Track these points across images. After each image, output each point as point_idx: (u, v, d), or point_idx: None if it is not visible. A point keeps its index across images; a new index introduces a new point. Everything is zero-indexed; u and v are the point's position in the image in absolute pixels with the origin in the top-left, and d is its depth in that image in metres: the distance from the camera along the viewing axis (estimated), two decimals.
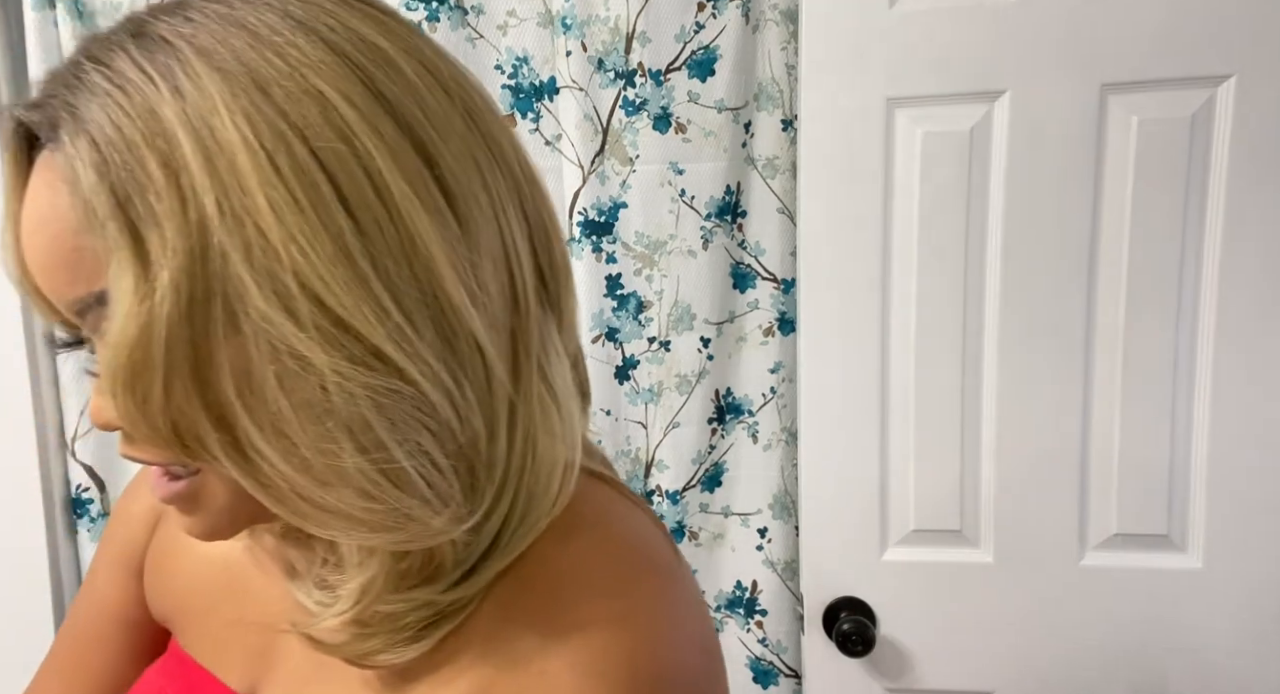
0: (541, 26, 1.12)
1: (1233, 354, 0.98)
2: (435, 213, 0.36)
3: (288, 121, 0.34)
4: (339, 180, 0.34)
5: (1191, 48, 0.95)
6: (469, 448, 0.39)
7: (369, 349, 0.34)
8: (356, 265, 0.34)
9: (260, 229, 0.33)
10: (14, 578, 1.16)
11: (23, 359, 1.14)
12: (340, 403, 0.34)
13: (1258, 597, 1.01)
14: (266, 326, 0.33)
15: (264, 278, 0.33)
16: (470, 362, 0.38)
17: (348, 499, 0.36)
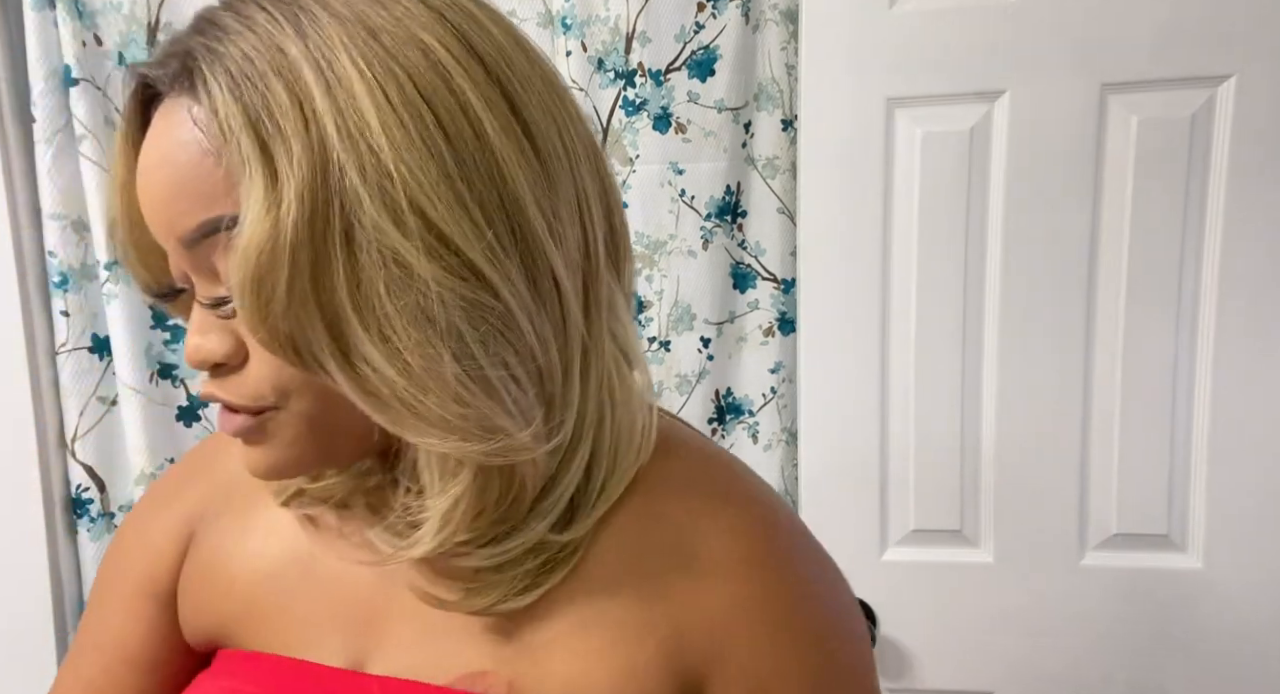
0: (541, 26, 1.12)
1: (1233, 354, 0.98)
2: (520, 152, 0.40)
3: (395, 62, 0.38)
4: (439, 113, 0.38)
5: (1191, 48, 0.95)
6: (546, 377, 0.42)
7: (465, 263, 0.38)
8: (456, 187, 0.38)
9: (373, 149, 0.37)
10: (14, 578, 1.16)
11: (23, 360, 1.14)
12: (439, 311, 0.37)
13: (1258, 597, 1.01)
14: (378, 235, 0.37)
15: (376, 192, 0.36)
16: (549, 295, 0.41)
17: (444, 404, 0.38)
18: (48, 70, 1.09)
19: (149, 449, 1.15)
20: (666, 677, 0.44)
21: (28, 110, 1.11)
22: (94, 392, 1.17)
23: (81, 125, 1.09)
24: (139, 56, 1.12)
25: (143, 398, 1.14)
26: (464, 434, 0.39)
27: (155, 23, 1.12)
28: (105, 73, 1.12)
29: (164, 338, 1.18)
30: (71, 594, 1.20)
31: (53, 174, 1.11)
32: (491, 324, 0.39)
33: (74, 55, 1.08)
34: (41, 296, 1.16)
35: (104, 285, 1.12)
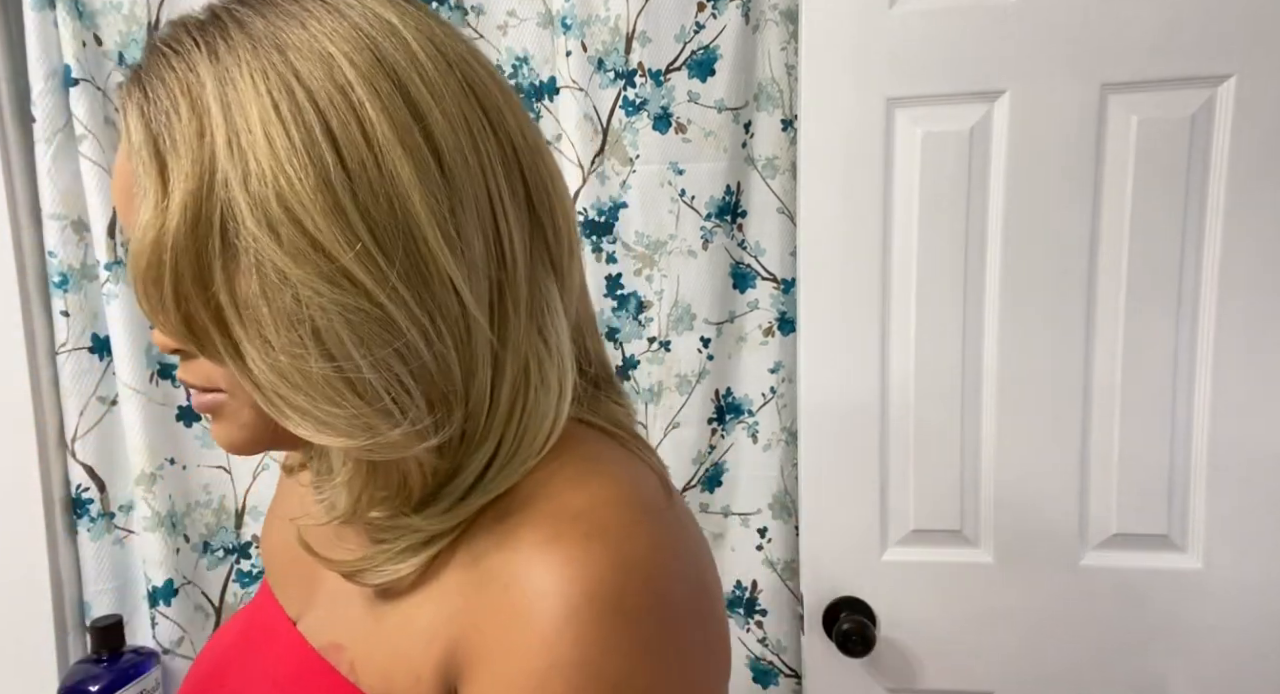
0: (541, 26, 1.12)
1: (1233, 354, 0.98)
2: (419, 161, 0.42)
3: (296, 76, 0.40)
4: (331, 124, 0.40)
5: (1191, 48, 0.95)
6: (441, 378, 0.44)
7: (339, 269, 0.40)
8: (336, 196, 0.40)
9: (258, 160, 0.39)
10: (14, 578, 1.16)
11: (23, 360, 1.14)
12: (312, 314, 0.40)
13: (1258, 597, 1.01)
14: (254, 242, 0.40)
15: (256, 202, 0.39)
16: (444, 299, 0.43)
17: (314, 402, 0.41)
18: (48, 70, 1.09)
19: (149, 449, 1.15)
20: (438, 687, 0.44)
21: (28, 110, 1.11)
22: (94, 392, 1.17)
23: (81, 125, 1.09)
24: (139, 56, 1.12)
25: (143, 398, 1.14)
26: (336, 430, 0.42)
27: (155, 23, 1.12)
28: (105, 73, 1.12)
29: None
30: (71, 594, 1.20)
31: (53, 174, 1.11)
32: (370, 328, 0.41)
33: (74, 55, 1.08)
34: (41, 297, 1.16)
35: (104, 285, 1.12)
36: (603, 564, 0.41)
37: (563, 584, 0.40)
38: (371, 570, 0.47)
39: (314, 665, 0.50)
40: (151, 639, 1.18)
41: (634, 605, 0.40)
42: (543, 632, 0.39)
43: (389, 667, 0.46)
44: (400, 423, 0.42)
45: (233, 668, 0.56)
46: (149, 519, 1.15)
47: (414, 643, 0.45)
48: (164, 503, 1.16)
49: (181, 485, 1.20)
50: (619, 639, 0.40)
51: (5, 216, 1.12)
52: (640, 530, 0.43)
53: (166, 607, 1.17)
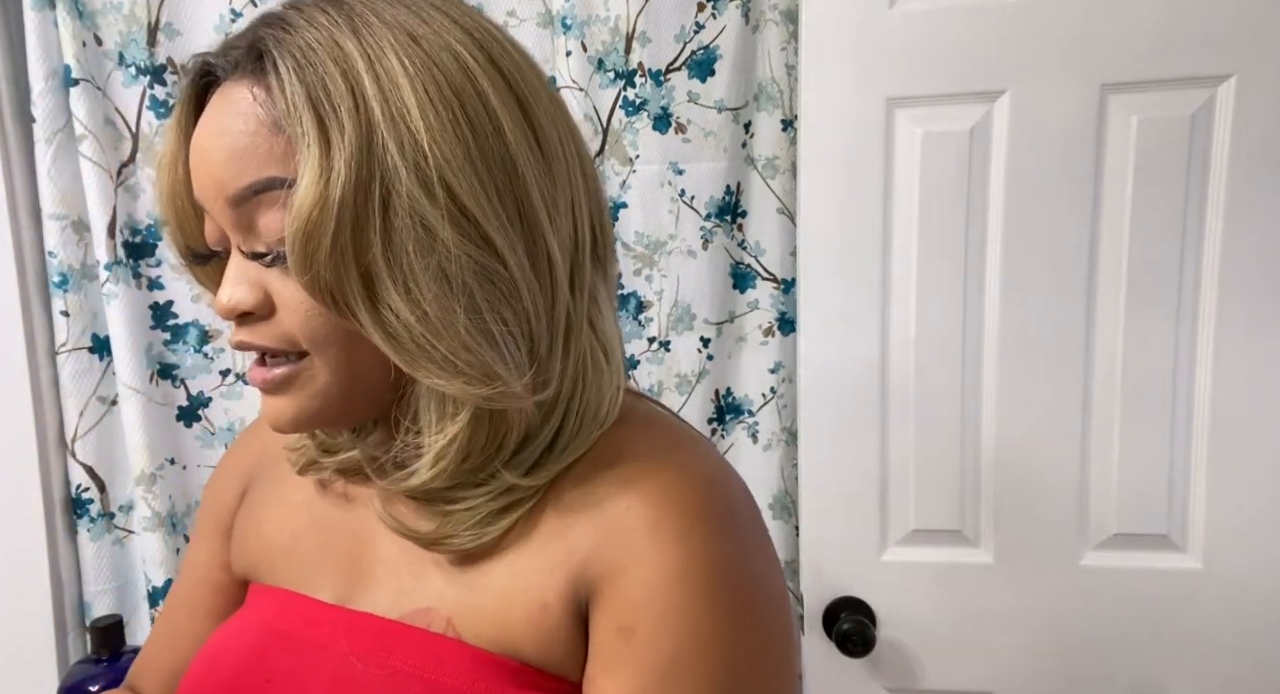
0: (541, 26, 1.12)
1: (1233, 354, 0.98)
2: (529, 148, 0.48)
3: (433, 63, 0.46)
4: (466, 108, 0.46)
5: (1191, 48, 0.95)
6: (537, 340, 0.49)
7: (481, 233, 0.45)
8: (477, 169, 0.45)
9: (412, 131, 0.44)
10: (14, 578, 1.16)
11: (23, 360, 1.14)
12: (455, 271, 0.45)
13: (1258, 597, 1.01)
14: (411, 203, 0.44)
15: (412, 166, 0.44)
16: (544, 271, 0.48)
17: (454, 349, 0.45)
18: (48, 70, 1.09)
19: (149, 449, 1.15)
20: (569, 610, 0.48)
21: (28, 110, 1.11)
22: (94, 392, 1.17)
23: (81, 125, 1.09)
24: (139, 56, 1.12)
25: (143, 398, 1.14)
26: (468, 378, 0.46)
27: (155, 23, 1.12)
28: (105, 73, 1.12)
29: (164, 338, 1.18)
30: (71, 594, 1.20)
31: (53, 174, 1.11)
32: (497, 287, 0.46)
33: (74, 55, 1.08)
34: (41, 297, 1.16)
35: (104, 285, 1.12)
36: (707, 485, 0.49)
37: (683, 496, 0.48)
38: (454, 537, 0.50)
39: (400, 632, 0.52)
40: None
41: (732, 509, 0.50)
42: (676, 536, 0.47)
43: (500, 611, 0.49)
44: (521, 375, 0.47)
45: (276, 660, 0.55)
46: (149, 519, 1.15)
47: (529, 581, 0.49)
48: (164, 503, 1.16)
49: (181, 485, 1.20)
50: (736, 534, 0.49)
51: (5, 216, 1.12)
52: (719, 462, 0.53)
53: None
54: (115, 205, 1.12)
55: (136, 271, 1.16)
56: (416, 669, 0.50)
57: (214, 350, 1.19)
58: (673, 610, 0.46)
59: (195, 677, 0.57)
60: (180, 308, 1.18)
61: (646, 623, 0.46)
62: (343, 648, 0.53)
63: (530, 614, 0.49)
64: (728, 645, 0.47)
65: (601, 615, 0.47)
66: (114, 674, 1.10)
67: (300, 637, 0.56)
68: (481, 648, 0.49)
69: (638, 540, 0.47)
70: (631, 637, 0.46)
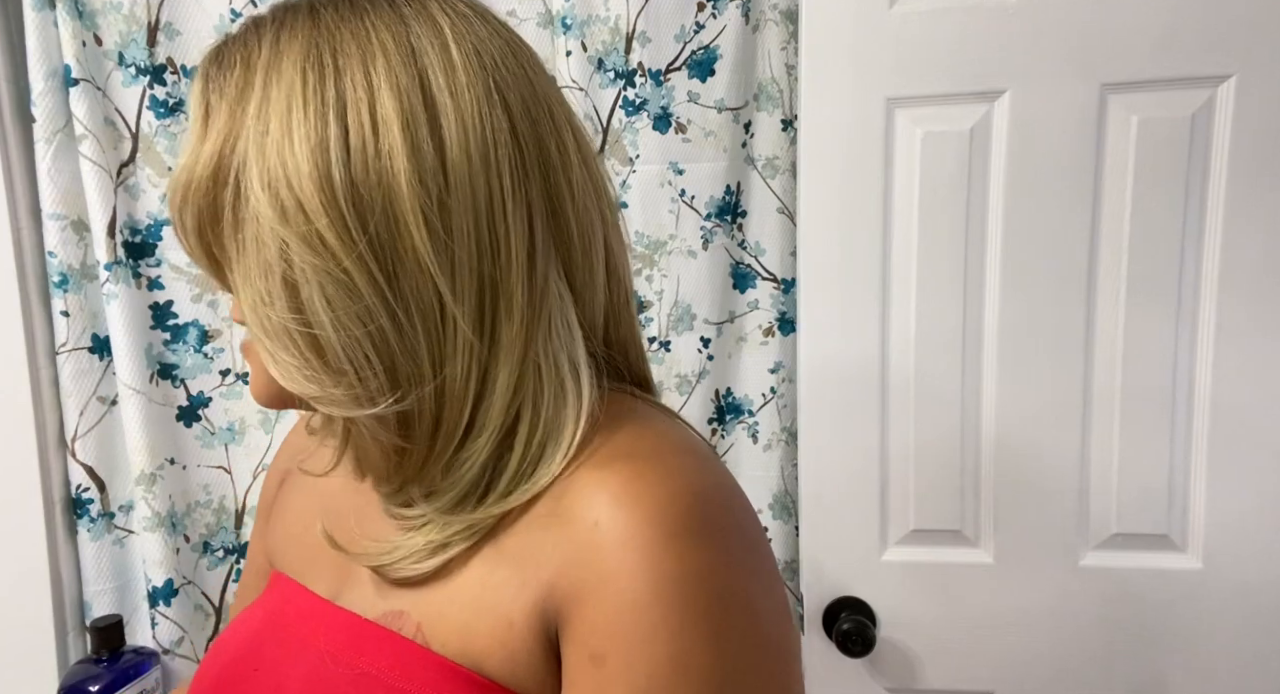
0: (541, 26, 1.12)
1: (1232, 354, 0.98)
2: (416, 147, 0.45)
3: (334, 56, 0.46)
4: (346, 100, 0.45)
5: (1191, 48, 0.95)
6: (406, 358, 0.47)
7: (314, 231, 0.45)
8: (329, 165, 0.44)
9: (271, 125, 0.45)
10: (14, 578, 1.16)
11: (23, 360, 1.14)
12: (287, 269, 0.45)
13: (1258, 597, 1.01)
14: (252, 196, 0.45)
15: (264, 164, 0.45)
16: (417, 282, 0.46)
17: (275, 347, 0.47)
18: (48, 70, 1.09)
19: (149, 449, 1.15)
20: (535, 632, 0.47)
21: (28, 110, 1.11)
22: (94, 392, 1.17)
23: (81, 125, 1.09)
24: (139, 56, 1.12)
25: (143, 398, 1.14)
26: (288, 377, 0.47)
27: (155, 23, 1.12)
28: (105, 73, 1.12)
29: (164, 338, 1.18)
30: (71, 594, 1.20)
31: (53, 174, 1.11)
32: (336, 292, 0.45)
33: (74, 55, 1.08)
34: (41, 296, 1.16)
35: (104, 285, 1.12)
36: (683, 495, 0.45)
37: (654, 514, 0.44)
38: (393, 566, 0.50)
39: (372, 633, 0.52)
40: (151, 639, 1.18)
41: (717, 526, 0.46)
42: (647, 553, 0.43)
43: (467, 622, 0.48)
44: (353, 386, 0.47)
45: (265, 651, 0.56)
46: (149, 519, 1.15)
47: (498, 595, 0.47)
48: (164, 503, 1.16)
49: (181, 485, 1.20)
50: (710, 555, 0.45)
51: (5, 216, 1.12)
52: (705, 467, 0.48)
53: (166, 607, 1.17)
54: (115, 205, 1.12)
55: (136, 272, 1.16)
56: (381, 673, 0.49)
57: (214, 350, 1.19)
58: (646, 634, 0.43)
59: (207, 658, 0.60)
60: (180, 308, 1.18)
61: (618, 649, 0.43)
62: (320, 645, 0.54)
63: (496, 630, 0.47)
64: (709, 669, 0.43)
65: (572, 643, 0.45)
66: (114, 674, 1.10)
67: (290, 629, 0.57)
68: (447, 658, 0.48)
69: (605, 559, 0.44)
70: (604, 664, 0.43)
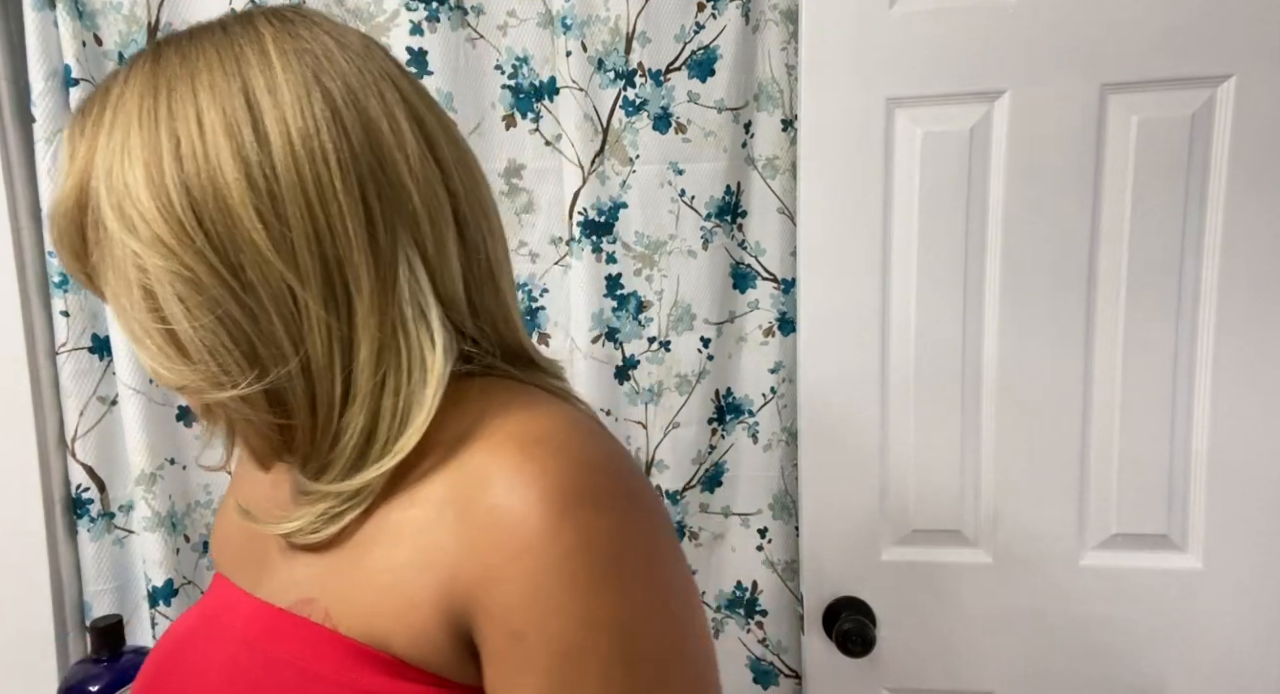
0: (541, 26, 1.12)
1: (1233, 353, 0.98)
2: (240, 144, 0.49)
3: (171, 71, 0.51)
4: (174, 108, 0.49)
5: (1191, 48, 0.95)
6: (263, 341, 0.50)
7: (155, 236, 0.48)
8: (162, 172, 0.48)
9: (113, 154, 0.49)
10: (14, 578, 1.16)
11: (23, 360, 1.14)
12: (139, 277, 0.49)
13: (1258, 597, 1.01)
14: (106, 217, 0.49)
15: (109, 184, 0.49)
16: (261, 270, 0.49)
17: (146, 345, 0.51)
18: (48, 70, 1.09)
19: (149, 449, 1.15)
20: (439, 613, 0.48)
21: (28, 110, 1.10)
22: (94, 392, 1.17)
23: None
24: None
25: (143, 398, 1.14)
26: (157, 373, 0.52)
27: (155, 23, 1.12)
28: (105, 73, 1.12)
29: None
30: (71, 594, 1.20)
31: (53, 174, 1.11)
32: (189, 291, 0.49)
33: (74, 55, 1.08)
34: (41, 296, 1.16)
35: None
36: (575, 468, 0.48)
37: (550, 490, 0.46)
38: (307, 532, 0.53)
39: (284, 621, 0.54)
40: (151, 639, 1.18)
41: (610, 493, 0.48)
42: (543, 531, 0.45)
43: (373, 604, 0.50)
44: (213, 373, 0.50)
45: (194, 644, 0.59)
46: (149, 519, 1.15)
47: (399, 576, 0.49)
48: (164, 503, 1.16)
49: (181, 485, 1.20)
50: (608, 520, 0.47)
51: (5, 216, 1.12)
52: (593, 441, 0.51)
53: (166, 607, 1.17)
54: None
55: None
56: (293, 658, 0.52)
57: None
58: (558, 603, 0.45)
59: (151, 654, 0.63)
60: None
61: (533, 622, 0.46)
62: (239, 633, 0.56)
63: (399, 610, 0.49)
64: (626, 622, 0.46)
65: (488, 624, 0.47)
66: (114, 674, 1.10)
67: (218, 621, 0.60)
68: (355, 639, 0.50)
69: (509, 540, 0.46)
70: (523, 639, 0.46)
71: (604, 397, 1.14)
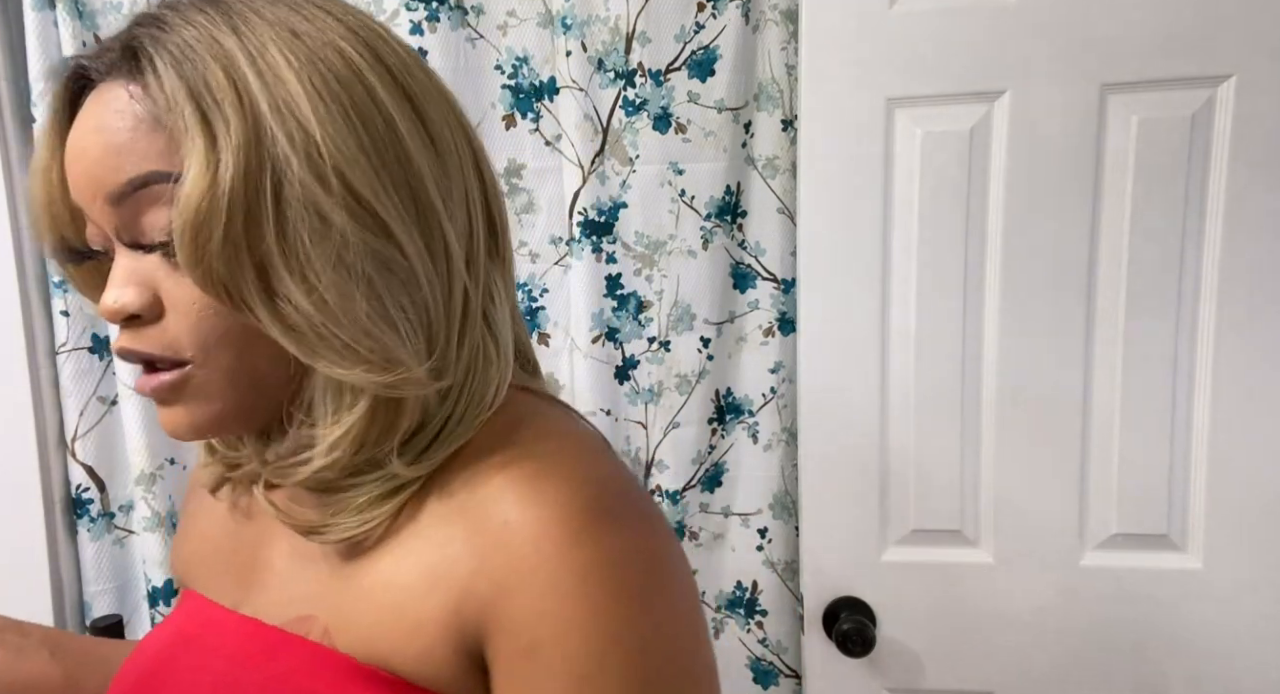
0: (541, 26, 1.12)
1: (1232, 354, 0.98)
2: (421, 141, 0.48)
3: (316, 57, 0.46)
4: (355, 99, 0.46)
5: (1191, 48, 0.95)
6: (437, 328, 0.49)
7: (378, 222, 0.46)
8: (370, 159, 0.46)
9: (301, 122, 0.44)
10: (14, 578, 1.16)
11: (23, 360, 1.14)
12: (353, 258, 0.45)
13: (1258, 597, 1.01)
14: (304, 192, 0.44)
15: (304, 156, 0.44)
16: (441, 261, 0.49)
17: (355, 336, 0.45)
18: (48, 70, 1.09)
19: (149, 449, 1.15)
20: (448, 632, 0.47)
21: (28, 110, 1.11)
22: (94, 392, 1.17)
23: None
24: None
25: (143, 398, 1.14)
26: (369, 365, 0.46)
27: None
28: None
29: None
30: (71, 594, 1.20)
31: None
32: (395, 274, 0.47)
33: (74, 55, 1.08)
34: (41, 296, 1.16)
35: None
36: (588, 487, 0.47)
37: (564, 508, 0.46)
38: (336, 525, 0.50)
39: (279, 639, 0.52)
40: None
41: (623, 511, 0.48)
42: (559, 548, 0.45)
43: (375, 622, 0.49)
44: (422, 361, 0.48)
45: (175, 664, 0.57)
46: (149, 519, 1.15)
47: (407, 594, 0.48)
48: (164, 503, 1.16)
49: (181, 485, 1.20)
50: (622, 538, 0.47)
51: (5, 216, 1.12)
52: (603, 460, 0.51)
53: (166, 607, 1.17)
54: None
55: None
56: (291, 676, 0.50)
57: None
58: (576, 617, 0.45)
59: (119, 676, 0.60)
60: None
61: (549, 636, 0.45)
62: (229, 652, 0.54)
63: (404, 629, 0.48)
64: (642, 639, 0.46)
65: (500, 641, 0.46)
66: None
67: (200, 640, 0.57)
68: (355, 658, 0.49)
69: (523, 557, 0.45)
70: (537, 655, 0.45)
71: (604, 397, 1.14)
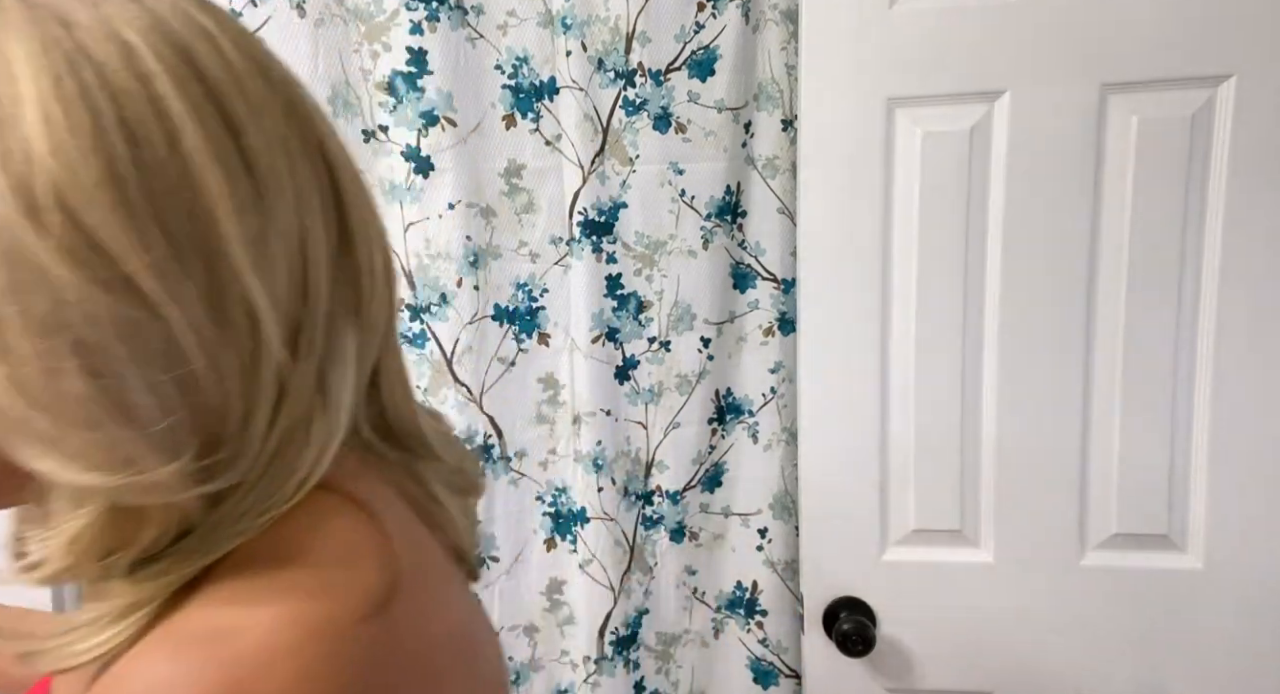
0: (541, 26, 1.12)
1: (1233, 354, 0.98)
2: (230, 173, 0.37)
3: (83, 53, 0.35)
4: (126, 113, 0.35)
5: (1191, 48, 0.95)
6: (219, 416, 0.38)
7: (119, 276, 0.34)
8: (126, 192, 0.34)
9: (24, 138, 0.33)
10: None
11: None
12: (79, 321, 0.34)
13: (1258, 597, 1.01)
14: (8, 231, 0.33)
15: (17, 184, 0.33)
16: (239, 326, 0.38)
17: (64, 426, 0.35)
18: None
19: None
20: None
21: None
22: None
23: None
24: None
25: None
26: (89, 463, 0.35)
27: None
28: None
29: None
30: (72, 594, 1.20)
31: None
32: (151, 345, 0.35)
33: None
34: None
35: None
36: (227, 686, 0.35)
37: None
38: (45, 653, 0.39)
39: None
40: None
41: None
42: None
43: None
44: (170, 461, 0.36)
45: None
46: None
47: None
48: None
49: None
50: None
51: None
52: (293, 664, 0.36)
53: None
54: None
55: None
56: None
57: None
58: None
59: None
60: None
61: None
62: None
63: None
64: None
65: None
66: None
67: None
68: None
69: None
70: None
71: (604, 397, 1.14)
